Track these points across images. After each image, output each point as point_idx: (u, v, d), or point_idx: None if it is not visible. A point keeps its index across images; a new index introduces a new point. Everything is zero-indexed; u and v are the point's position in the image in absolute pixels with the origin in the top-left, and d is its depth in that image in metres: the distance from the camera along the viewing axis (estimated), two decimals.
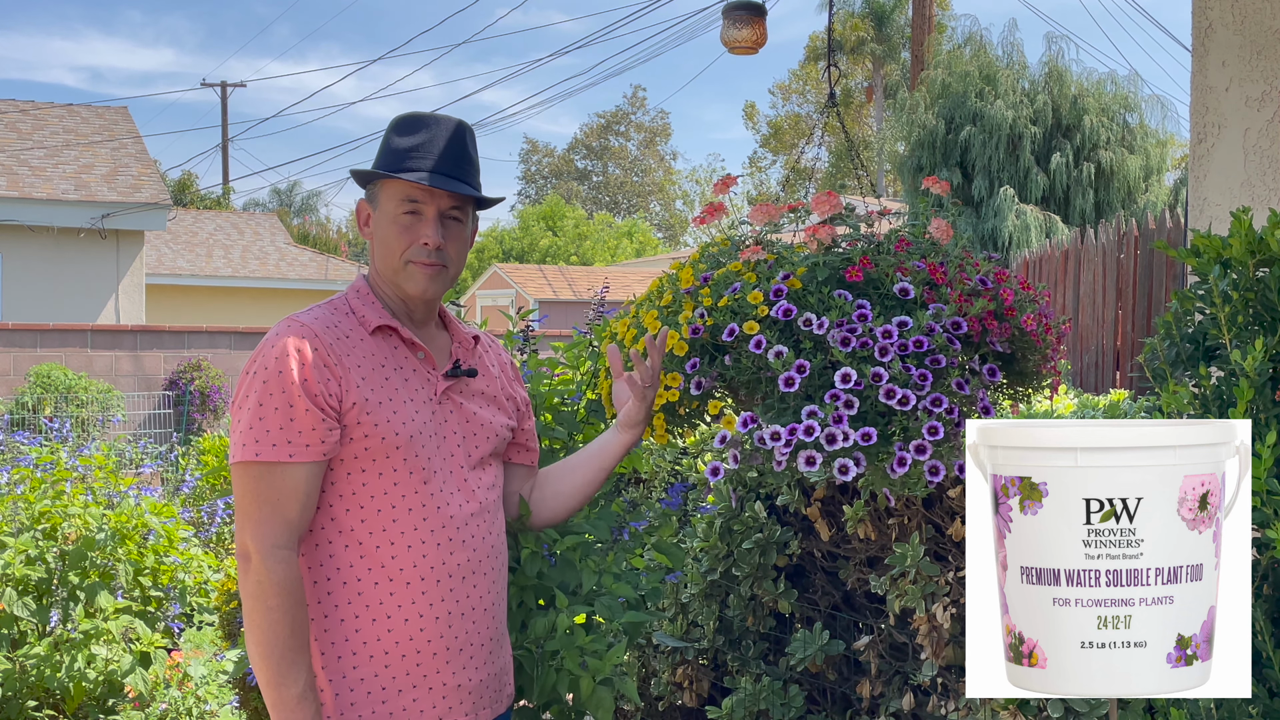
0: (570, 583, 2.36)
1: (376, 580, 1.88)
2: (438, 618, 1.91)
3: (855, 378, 1.94)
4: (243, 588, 1.83)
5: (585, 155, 50.56)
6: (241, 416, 1.85)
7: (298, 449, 1.82)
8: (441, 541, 1.92)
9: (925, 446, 1.95)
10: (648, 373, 2.06)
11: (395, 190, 1.96)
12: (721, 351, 2.09)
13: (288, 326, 1.89)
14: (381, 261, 1.98)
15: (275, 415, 1.82)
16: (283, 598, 1.80)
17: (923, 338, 1.98)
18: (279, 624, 1.79)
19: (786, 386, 1.97)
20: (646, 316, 2.17)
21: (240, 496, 1.84)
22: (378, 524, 1.89)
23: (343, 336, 1.91)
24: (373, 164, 1.99)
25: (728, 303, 2.06)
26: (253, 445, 1.82)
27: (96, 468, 4.80)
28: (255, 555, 1.80)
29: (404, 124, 2.00)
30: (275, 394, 1.82)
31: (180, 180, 32.46)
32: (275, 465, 1.82)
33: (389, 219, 1.96)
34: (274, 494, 1.82)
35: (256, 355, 1.87)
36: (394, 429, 1.89)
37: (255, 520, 1.82)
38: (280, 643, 1.80)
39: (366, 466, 1.88)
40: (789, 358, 1.98)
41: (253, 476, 1.82)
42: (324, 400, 1.84)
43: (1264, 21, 2.62)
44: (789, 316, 2.01)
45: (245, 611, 1.82)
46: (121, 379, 12.68)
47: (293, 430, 1.82)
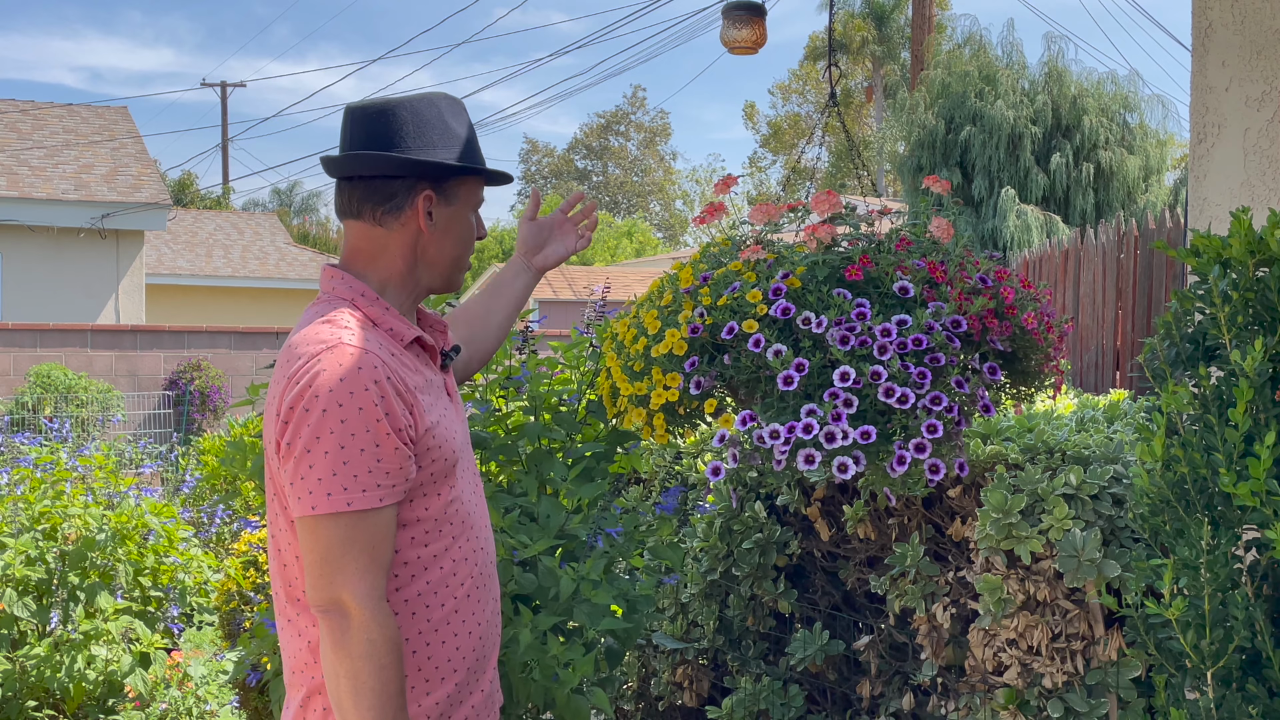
0: (550, 589, 2.34)
1: (444, 602, 1.78)
2: (487, 619, 1.86)
3: (854, 376, 1.94)
4: (344, 650, 1.62)
5: (585, 155, 50.54)
6: (315, 461, 1.62)
7: (386, 491, 1.65)
8: (478, 547, 1.85)
9: (925, 445, 1.94)
10: (588, 228, 2.20)
11: (478, 185, 1.87)
12: (721, 351, 2.09)
13: (349, 356, 1.65)
14: (448, 258, 1.84)
15: (362, 457, 1.62)
16: (395, 654, 1.63)
17: (921, 336, 1.98)
18: (391, 683, 1.62)
19: (785, 385, 1.97)
20: (647, 316, 2.17)
21: (327, 549, 1.63)
22: (440, 545, 1.77)
23: (392, 354, 1.73)
24: (440, 154, 1.81)
25: (727, 302, 2.06)
26: (340, 494, 1.62)
27: (96, 468, 4.80)
28: (360, 611, 1.62)
29: (455, 109, 1.87)
30: (359, 433, 1.62)
31: (180, 180, 32.45)
32: (369, 513, 1.63)
33: (468, 214, 1.86)
34: (370, 541, 1.64)
35: (315, 390, 1.63)
36: (452, 446, 1.78)
37: (353, 573, 1.63)
38: (394, 702, 1.63)
39: (429, 492, 1.75)
40: (788, 356, 1.98)
41: (344, 526, 1.62)
42: (406, 434, 1.67)
43: (1264, 21, 2.61)
44: (788, 315, 2.01)
45: (349, 674, 1.62)
46: (121, 379, 12.67)
47: (380, 472, 1.64)
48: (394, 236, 1.80)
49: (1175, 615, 1.61)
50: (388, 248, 1.81)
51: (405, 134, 1.80)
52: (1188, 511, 1.68)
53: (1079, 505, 2.17)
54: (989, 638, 2.26)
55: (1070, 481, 2.17)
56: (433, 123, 1.81)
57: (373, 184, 1.80)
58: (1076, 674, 2.18)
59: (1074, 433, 2.41)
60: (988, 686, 2.29)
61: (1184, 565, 1.61)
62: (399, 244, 1.80)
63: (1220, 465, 1.62)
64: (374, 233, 1.81)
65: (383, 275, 1.81)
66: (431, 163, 1.79)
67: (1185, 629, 1.62)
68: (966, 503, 2.39)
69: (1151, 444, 1.71)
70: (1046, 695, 2.19)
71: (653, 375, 2.13)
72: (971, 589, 2.37)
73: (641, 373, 2.18)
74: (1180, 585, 1.63)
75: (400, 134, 1.80)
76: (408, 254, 1.81)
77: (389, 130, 1.80)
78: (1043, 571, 2.19)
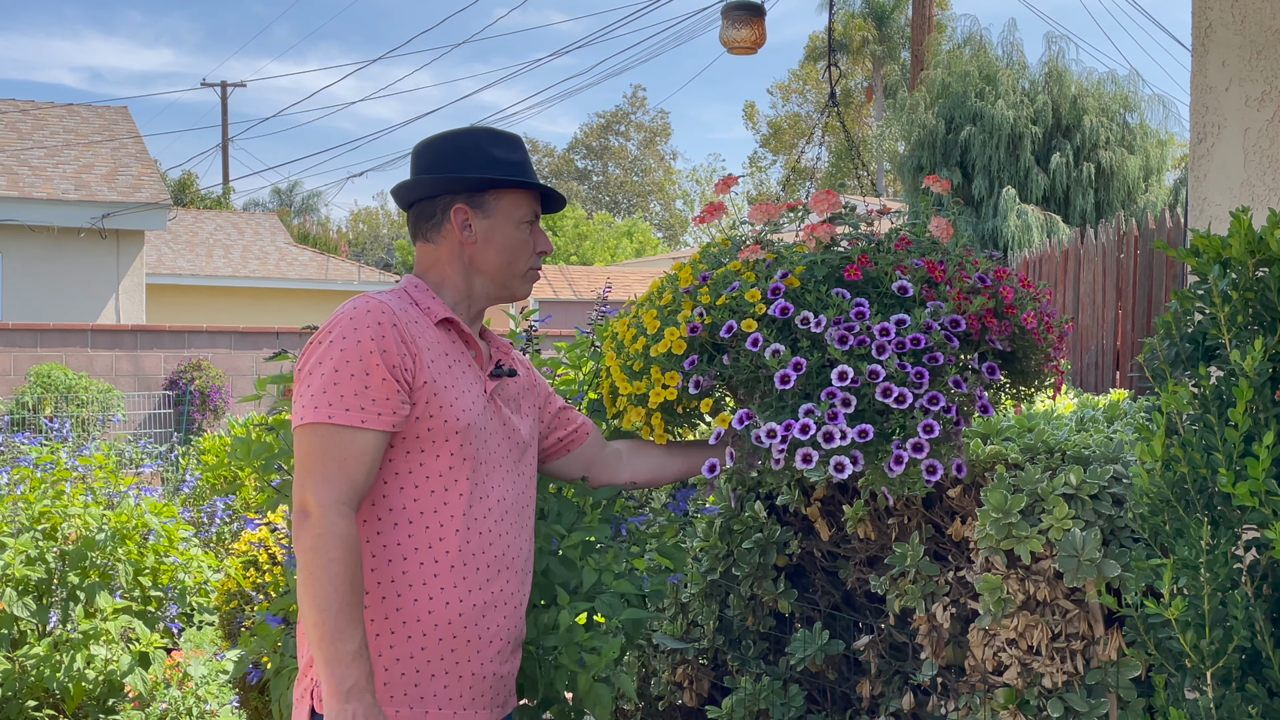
0: (571, 581, 2.36)
1: (422, 561, 1.91)
2: (474, 605, 1.94)
3: (852, 375, 1.94)
4: (299, 543, 1.81)
5: (585, 155, 50.54)
6: (312, 381, 1.86)
7: (369, 416, 1.84)
8: (483, 530, 1.96)
9: (922, 445, 1.94)
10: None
11: (521, 200, 2.08)
12: (720, 350, 2.09)
13: (365, 301, 1.92)
14: (496, 266, 2.07)
15: (351, 381, 1.84)
16: (344, 551, 1.78)
17: (920, 335, 1.97)
18: (339, 577, 1.78)
19: (782, 384, 1.97)
20: (646, 316, 2.17)
21: (304, 457, 1.84)
22: (429, 505, 1.92)
23: (414, 320, 1.95)
24: (471, 173, 2.06)
25: (725, 301, 2.06)
26: (325, 408, 1.83)
27: (96, 468, 4.80)
28: (317, 509, 1.80)
29: (499, 139, 2.10)
30: (352, 360, 1.85)
31: (180, 180, 32.44)
32: (346, 429, 1.83)
33: (513, 226, 2.07)
34: (341, 454, 1.83)
35: (331, 326, 1.90)
36: (456, 414, 1.93)
37: (320, 477, 1.82)
38: (339, 597, 1.77)
39: (425, 448, 1.92)
40: (785, 355, 1.98)
41: (321, 437, 1.83)
42: (400, 373, 1.87)
43: (1264, 21, 2.61)
44: (786, 315, 2.01)
45: (301, 567, 1.79)
46: (121, 379, 12.68)
47: (366, 397, 1.84)
48: (441, 250, 2.07)
49: (1175, 615, 1.61)
50: (439, 260, 2.08)
51: (441, 160, 2.07)
52: (1187, 511, 1.68)
53: (1079, 505, 2.17)
54: (989, 637, 2.26)
55: (1070, 481, 2.18)
56: (468, 150, 2.07)
57: (419, 207, 2.08)
58: (1076, 674, 2.18)
59: (1074, 433, 2.41)
60: (988, 686, 2.29)
61: (1183, 565, 1.61)
62: (447, 255, 2.07)
63: (1220, 465, 1.63)
64: (427, 249, 2.08)
65: (436, 281, 2.08)
66: (453, 177, 2.04)
67: (1185, 629, 1.62)
68: (966, 502, 2.39)
69: (1151, 444, 1.71)
70: (1046, 695, 2.19)
71: (651, 375, 2.14)
72: (971, 589, 2.37)
73: (640, 372, 2.18)
74: (1180, 585, 1.63)
75: (437, 161, 2.08)
76: (456, 263, 2.07)
77: (430, 160, 2.09)
78: (1043, 571, 2.19)
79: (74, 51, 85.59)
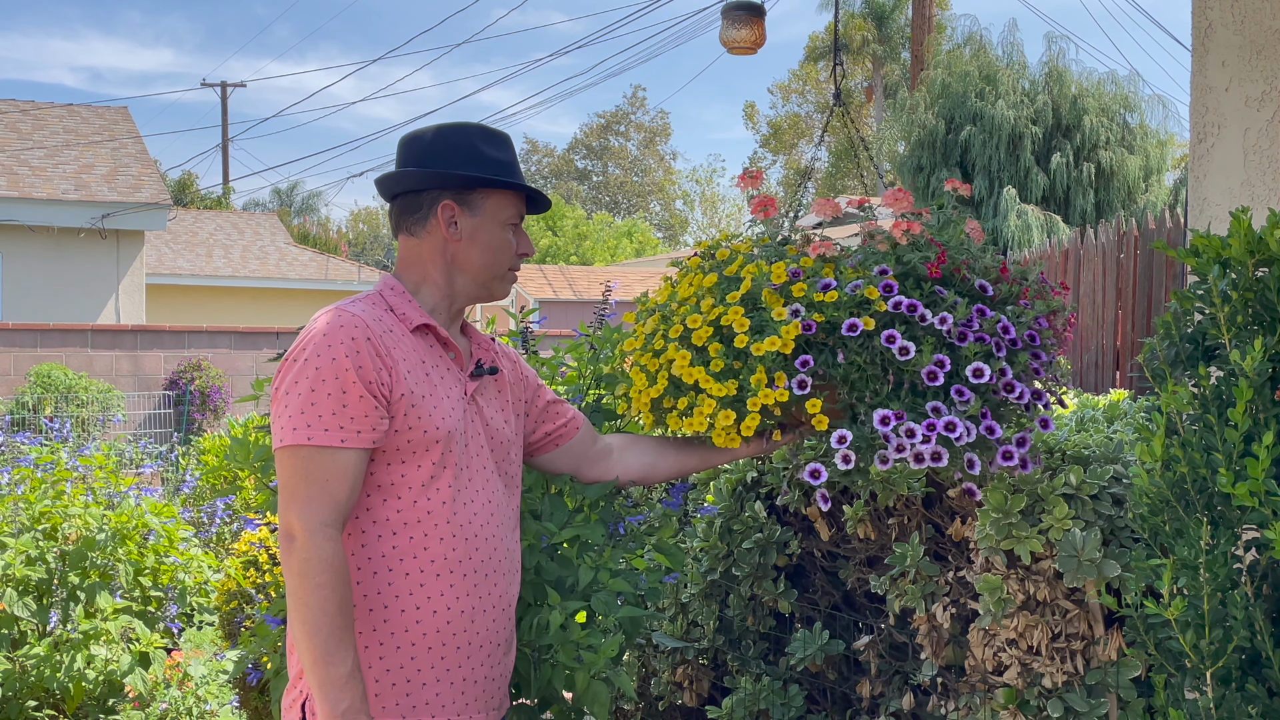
0: (568, 579, 2.36)
1: (408, 571, 1.90)
2: (463, 611, 1.94)
3: (989, 373, 1.96)
4: (287, 567, 1.80)
5: (585, 155, 50.52)
6: (289, 402, 1.84)
7: (349, 434, 1.83)
8: (469, 536, 1.95)
9: (1026, 439, 2.03)
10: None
11: (508, 201, 2.05)
12: (824, 349, 2.04)
13: (337, 316, 1.89)
14: (479, 266, 2.04)
15: (328, 400, 1.82)
16: (331, 574, 1.78)
17: (1033, 331, 2.05)
18: (328, 600, 1.77)
19: (930, 380, 1.96)
20: (732, 314, 2.06)
21: (287, 479, 1.83)
22: (413, 515, 1.91)
23: (388, 330, 1.93)
24: (459, 170, 2.02)
25: (837, 297, 2.01)
26: (304, 429, 1.82)
27: (97, 468, 4.80)
28: (302, 533, 1.79)
29: (490, 137, 2.07)
30: (329, 379, 1.83)
31: (180, 180, 32.44)
32: (326, 449, 1.82)
33: (498, 226, 2.04)
34: (324, 475, 1.82)
35: (305, 343, 1.87)
36: (435, 423, 1.92)
37: (303, 500, 1.81)
38: (329, 620, 1.77)
39: (406, 459, 1.90)
40: (927, 352, 1.97)
41: (302, 459, 1.82)
42: (377, 388, 1.85)
43: (1264, 21, 2.61)
44: (913, 311, 1.99)
45: (290, 591, 1.79)
46: (121, 379, 12.68)
47: (345, 416, 1.83)
48: (424, 245, 2.04)
49: (1174, 615, 1.61)
50: (421, 255, 2.05)
51: (431, 154, 2.03)
52: (1187, 511, 1.68)
53: (1079, 505, 2.17)
54: (989, 638, 2.26)
55: (1070, 481, 2.18)
56: (459, 146, 2.03)
57: (405, 200, 2.04)
58: (1076, 674, 2.18)
59: (1074, 433, 2.41)
60: (988, 686, 2.29)
61: (1183, 565, 1.61)
62: (430, 251, 2.03)
63: (1220, 465, 1.63)
64: (410, 243, 2.05)
65: (417, 278, 2.05)
66: (444, 173, 2.00)
67: (1184, 629, 1.62)
68: (966, 502, 2.39)
69: (1151, 444, 1.71)
70: (1046, 695, 2.20)
71: (756, 374, 2.02)
72: (971, 589, 2.37)
73: (724, 372, 2.07)
74: (1179, 585, 1.63)
75: (427, 155, 2.04)
76: (439, 260, 2.04)
77: (418, 152, 2.05)
78: (1043, 571, 2.19)
79: (74, 51, 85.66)
